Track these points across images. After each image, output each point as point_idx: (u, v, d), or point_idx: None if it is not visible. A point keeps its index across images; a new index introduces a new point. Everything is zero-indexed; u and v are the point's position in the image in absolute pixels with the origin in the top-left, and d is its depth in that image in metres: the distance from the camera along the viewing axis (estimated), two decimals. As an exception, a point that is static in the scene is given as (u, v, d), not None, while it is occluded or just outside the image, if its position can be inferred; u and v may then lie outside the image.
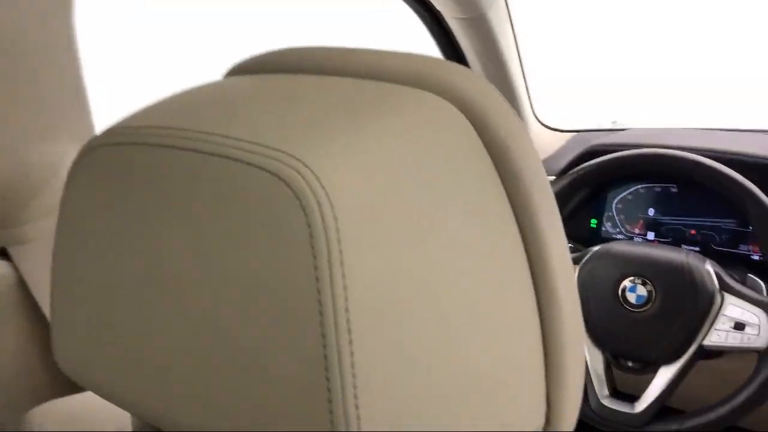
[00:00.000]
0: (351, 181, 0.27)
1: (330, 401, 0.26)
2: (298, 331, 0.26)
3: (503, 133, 0.33)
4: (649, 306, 0.94)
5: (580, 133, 1.52)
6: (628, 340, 0.96)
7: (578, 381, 0.37)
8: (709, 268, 0.94)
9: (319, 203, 0.26)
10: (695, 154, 0.96)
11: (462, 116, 0.33)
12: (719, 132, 1.28)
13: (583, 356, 0.38)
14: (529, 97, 1.43)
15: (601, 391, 0.98)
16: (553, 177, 1.23)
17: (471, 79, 0.34)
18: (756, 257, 1.06)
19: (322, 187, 0.26)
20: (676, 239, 1.21)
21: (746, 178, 0.92)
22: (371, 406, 0.27)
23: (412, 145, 0.30)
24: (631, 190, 1.26)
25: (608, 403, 0.97)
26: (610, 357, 0.99)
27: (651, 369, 0.96)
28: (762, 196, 0.90)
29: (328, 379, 0.26)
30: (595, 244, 1.06)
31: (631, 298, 0.96)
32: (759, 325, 0.88)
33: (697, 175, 0.94)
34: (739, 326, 0.90)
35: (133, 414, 0.38)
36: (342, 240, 0.26)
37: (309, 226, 0.26)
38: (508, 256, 0.33)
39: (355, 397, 0.26)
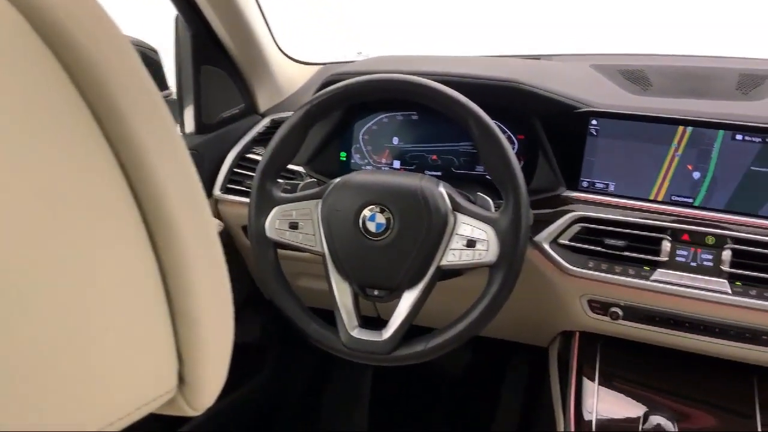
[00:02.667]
0: None
1: None
2: None
3: (79, 38, 0.25)
4: (388, 233, 0.94)
5: (327, 65, 1.48)
6: (372, 269, 0.95)
7: (217, 329, 0.32)
8: (442, 190, 0.95)
9: None
10: (424, 78, 0.95)
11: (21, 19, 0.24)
12: (463, 58, 1.31)
13: (225, 303, 0.33)
14: (270, 30, 1.35)
15: (351, 323, 0.97)
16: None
17: None
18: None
19: None
20: (420, 166, 1.23)
21: (470, 100, 0.93)
22: None
23: None
24: (375, 120, 1.25)
25: (357, 334, 0.96)
26: (357, 288, 0.97)
27: (396, 295, 0.96)
28: (483, 115, 0.92)
29: None
30: None
31: (371, 226, 0.94)
32: (488, 241, 0.91)
33: (422, 97, 0.94)
34: (471, 243, 0.92)
35: None
36: None
37: None
38: (99, 181, 0.26)
39: None
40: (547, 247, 1.07)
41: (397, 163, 1.24)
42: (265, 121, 1.35)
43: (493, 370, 1.71)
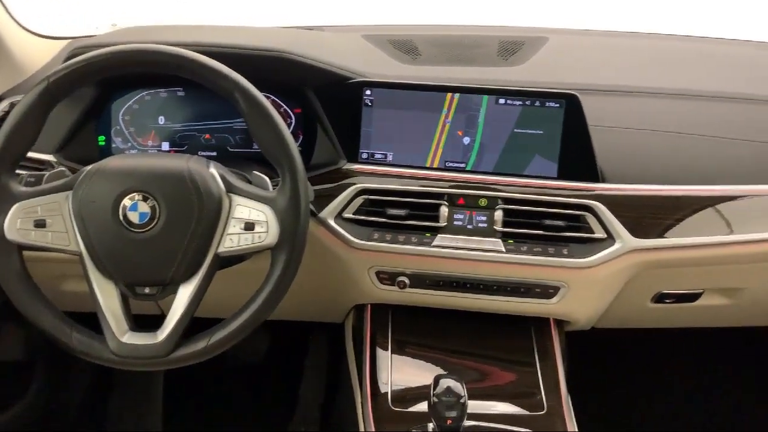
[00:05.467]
0: None
1: None
2: None
3: None
4: (154, 223, 0.84)
5: (76, 39, 1.31)
6: (139, 264, 0.85)
7: None
8: (213, 170, 0.87)
9: None
10: (182, 48, 0.86)
11: None
12: (229, 28, 1.22)
13: None
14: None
15: (120, 327, 0.85)
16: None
17: None
18: None
19: None
20: (192, 147, 1.13)
21: (237, 72, 0.86)
22: None
23: None
24: (135, 98, 1.13)
25: (128, 339, 0.85)
26: (125, 288, 0.86)
27: (170, 290, 0.87)
28: (250, 87, 0.85)
29: None
30: None
31: (134, 217, 0.83)
32: (267, 222, 0.85)
33: (180, 69, 0.84)
34: (249, 226, 0.86)
35: None
36: None
37: None
38: None
39: None
40: (332, 222, 1.04)
41: (165, 145, 1.14)
42: (3, 105, 1.16)
43: (293, 352, 1.67)
